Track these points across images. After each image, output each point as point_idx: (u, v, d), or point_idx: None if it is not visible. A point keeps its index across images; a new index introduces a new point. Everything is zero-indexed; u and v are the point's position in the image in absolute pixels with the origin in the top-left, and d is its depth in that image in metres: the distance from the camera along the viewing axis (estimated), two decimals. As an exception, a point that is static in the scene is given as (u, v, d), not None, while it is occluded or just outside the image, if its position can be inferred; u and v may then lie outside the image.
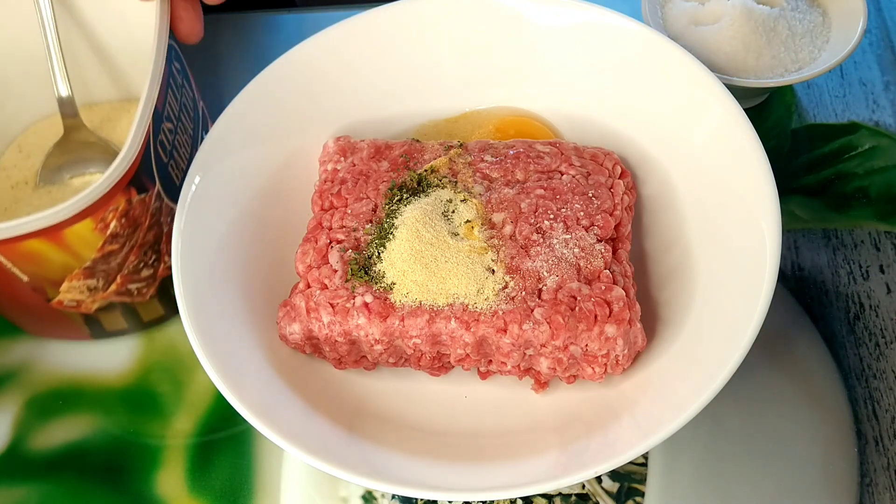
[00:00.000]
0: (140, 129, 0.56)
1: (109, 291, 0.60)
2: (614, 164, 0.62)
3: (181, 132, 0.63)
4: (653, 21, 0.72)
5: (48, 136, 0.70)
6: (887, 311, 0.65)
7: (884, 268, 0.67)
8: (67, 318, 0.62)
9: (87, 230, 0.55)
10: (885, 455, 0.59)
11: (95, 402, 0.64)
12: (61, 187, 0.66)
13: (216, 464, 0.61)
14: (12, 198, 0.67)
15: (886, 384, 0.62)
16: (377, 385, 0.60)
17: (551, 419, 0.58)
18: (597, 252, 0.57)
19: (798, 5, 0.72)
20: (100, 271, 0.58)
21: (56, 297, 0.59)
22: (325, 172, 0.64)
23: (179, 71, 0.64)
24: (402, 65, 0.69)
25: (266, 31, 0.85)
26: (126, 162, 0.55)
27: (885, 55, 0.79)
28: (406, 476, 0.53)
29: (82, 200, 0.53)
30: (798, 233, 0.69)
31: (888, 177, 0.71)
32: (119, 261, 0.59)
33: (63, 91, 0.65)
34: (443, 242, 0.57)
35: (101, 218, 0.55)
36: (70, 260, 0.56)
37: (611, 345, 0.54)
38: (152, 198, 0.59)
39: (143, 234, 0.59)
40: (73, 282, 0.58)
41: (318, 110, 0.67)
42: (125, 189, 0.56)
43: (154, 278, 0.62)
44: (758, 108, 0.76)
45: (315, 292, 0.57)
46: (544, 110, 0.69)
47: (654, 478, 0.59)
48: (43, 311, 0.61)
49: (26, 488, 0.61)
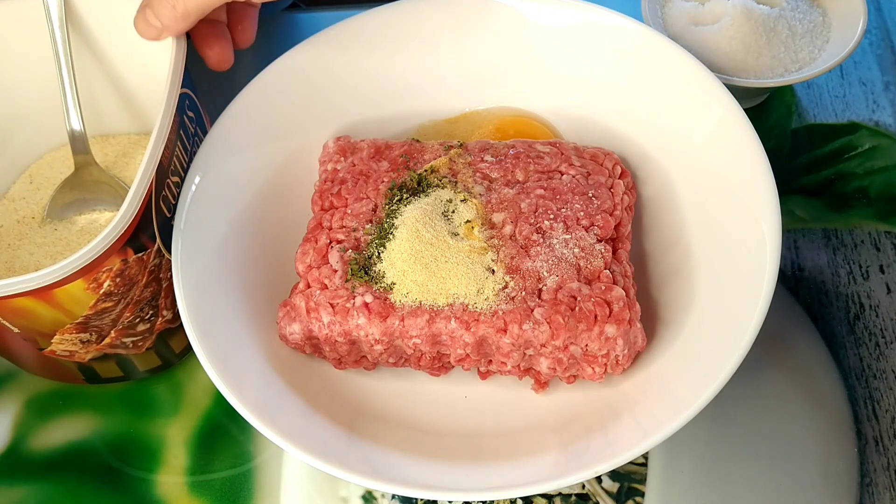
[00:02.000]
0: (139, 191, 0.53)
1: (103, 345, 0.58)
2: (614, 164, 0.62)
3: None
4: (653, 21, 0.71)
5: (60, 169, 0.69)
6: (887, 311, 0.65)
7: (884, 268, 0.67)
8: (61, 365, 0.60)
9: (78, 290, 0.53)
10: (885, 455, 0.59)
11: (95, 402, 0.64)
12: (67, 224, 0.65)
13: (216, 464, 0.61)
14: (17, 233, 0.66)
15: (886, 384, 0.62)
16: (377, 385, 0.60)
17: (551, 419, 0.58)
18: (597, 252, 0.57)
19: (798, 5, 0.72)
20: (92, 326, 0.56)
21: (48, 347, 0.58)
22: (325, 172, 0.64)
23: (193, 119, 0.62)
24: (402, 65, 0.69)
25: (266, 31, 0.85)
26: (122, 225, 0.52)
27: (885, 55, 0.79)
28: (406, 476, 0.53)
29: (72, 263, 0.51)
30: (798, 233, 0.69)
31: (888, 177, 0.71)
32: (113, 317, 0.57)
33: (75, 125, 0.64)
34: (443, 242, 0.57)
35: (94, 278, 0.53)
36: (61, 316, 0.55)
37: (611, 345, 0.54)
38: (151, 255, 0.56)
39: (140, 291, 0.57)
40: (65, 335, 0.56)
41: (318, 110, 0.67)
42: (121, 250, 0.54)
43: (151, 332, 0.60)
44: (758, 108, 0.76)
45: (315, 292, 0.57)
46: (544, 110, 0.69)
47: (654, 478, 0.59)
48: (36, 357, 0.59)
49: (26, 488, 0.61)
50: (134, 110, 0.70)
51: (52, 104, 0.66)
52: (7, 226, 0.66)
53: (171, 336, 0.62)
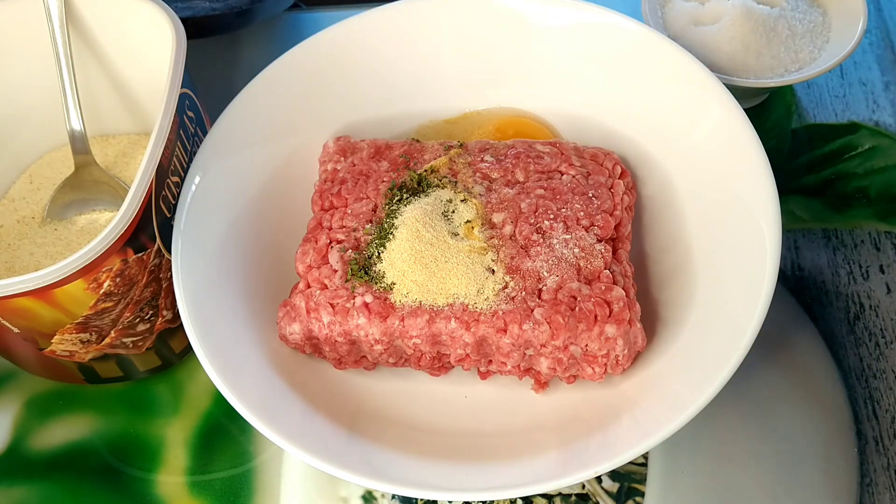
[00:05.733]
0: (139, 191, 0.53)
1: (103, 344, 0.58)
2: (614, 164, 0.62)
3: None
4: (653, 21, 0.72)
5: (60, 169, 0.69)
6: (887, 311, 0.65)
7: (884, 268, 0.67)
8: (61, 365, 0.60)
9: (78, 290, 0.53)
10: (885, 455, 0.59)
11: (95, 402, 0.64)
12: (67, 224, 0.65)
13: (216, 464, 0.61)
14: (17, 233, 0.66)
15: (886, 384, 0.62)
16: (377, 385, 0.60)
17: (551, 419, 0.58)
18: (597, 252, 0.57)
19: (798, 5, 0.72)
20: (92, 326, 0.56)
21: (48, 347, 0.58)
22: (325, 172, 0.64)
23: (193, 119, 0.62)
24: (402, 65, 0.69)
25: (266, 31, 0.85)
26: (122, 225, 0.52)
27: (885, 55, 0.79)
28: (406, 476, 0.53)
29: (72, 263, 0.51)
30: (798, 233, 0.69)
31: (888, 177, 0.71)
32: (113, 317, 0.57)
33: (76, 125, 0.64)
34: (443, 242, 0.57)
35: (94, 279, 0.53)
36: (61, 316, 0.55)
37: (611, 345, 0.54)
38: (151, 255, 0.56)
39: (140, 291, 0.57)
40: (65, 335, 0.56)
41: (318, 110, 0.68)
42: (121, 250, 0.54)
43: (151, 332, 0.60)
44: (758, 108, 0.76)
45: (315, 292, 0.57)
46: (544, 110, 0.69)
47: (654, 478, 0.59)
48: (36, 357, 0.60)
49: (26, 488, 0.61)
50: (134, 110, 0.70)
51: (52, 104, 0.66)
52: (7, 226, 0.66)
53: (171, 336, 0.62)
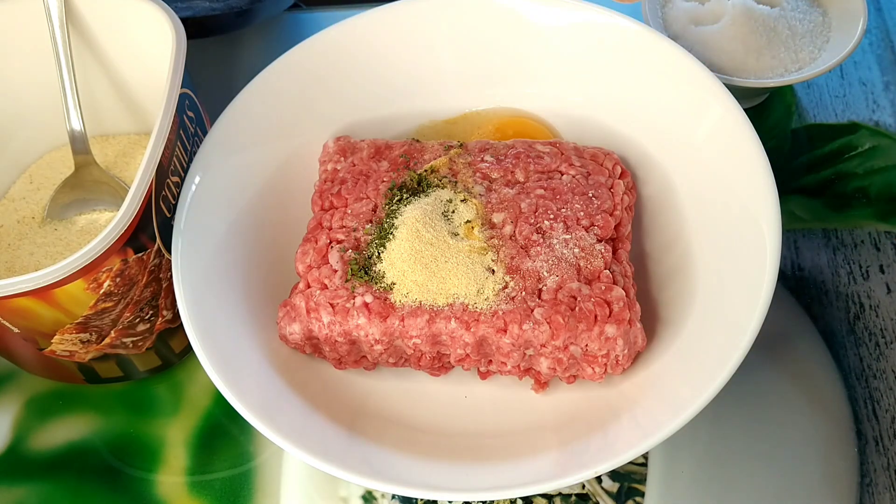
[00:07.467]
0: (139, 191, 0.53)
1: (103, 345, 0.58)
2: (614, 164, 0.62)
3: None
4: (653, 21, 0.72)
5: (60, 169, 0.69)
6: (887, 311, 0.65)
7: (884, 268, 0.67)
8: (61, 365, 0.60)
9: (78, 290, 0.53)
10: (885, 455, 0.59)
11: (95, 402, 0.64)
12: (67, 224, 0.65)
13: (216, 464, 0.61)
14: (17, 233, 0.66)
15: (886, 384, 0.62)
16: (377, 385, 0.60)
17: (551, 419, 0.58)
18: (597, 252, 0.57)
19: (798, 5, 0.72)
20: (92, 326, 0.56)
21: (48, 347, 0.57)
22: (325, 172, 0.64)
23: (193, 119, 0.62)
24: (402, 65, 0.69)
25: (266, 31, 0.85)
26: (122, 225, 0.52)
27: (885, 55, 0.79)
28: (406, 476, 0.53)
29: (72, 263, 0.51)
30: (798, 233, 0.69)
31: (888, 177, 0.71)
32: (113, 317, 0.56)
33: (75, 125, 0.64)
34: (443, 242, 0.57)
35: (94, 279, 0.53)
36: (61, 316, 0.55)
37: (611, 345, 0.54)
38: (151, 255, 0.56)
39: (140, 291, 0.57)
40: (65, 335, 0.56)
41: (318, 110, 0.68)
42: (121, 250, 0.54)
43: (151, 332, 0.60)
44: (758, 108, 0.76)
45: (315, 292, 0.57)
46: (544, 110, 0.69)
47: (654, 478, 0.59)
48: (36, 357, 0.59)
49: (26, 488, 0.61)
50: (134, 110, 0.70)
51: (52, 104, 0.66)
52: (7, 226, 0.66)
53: (171, 336, 0.62)
